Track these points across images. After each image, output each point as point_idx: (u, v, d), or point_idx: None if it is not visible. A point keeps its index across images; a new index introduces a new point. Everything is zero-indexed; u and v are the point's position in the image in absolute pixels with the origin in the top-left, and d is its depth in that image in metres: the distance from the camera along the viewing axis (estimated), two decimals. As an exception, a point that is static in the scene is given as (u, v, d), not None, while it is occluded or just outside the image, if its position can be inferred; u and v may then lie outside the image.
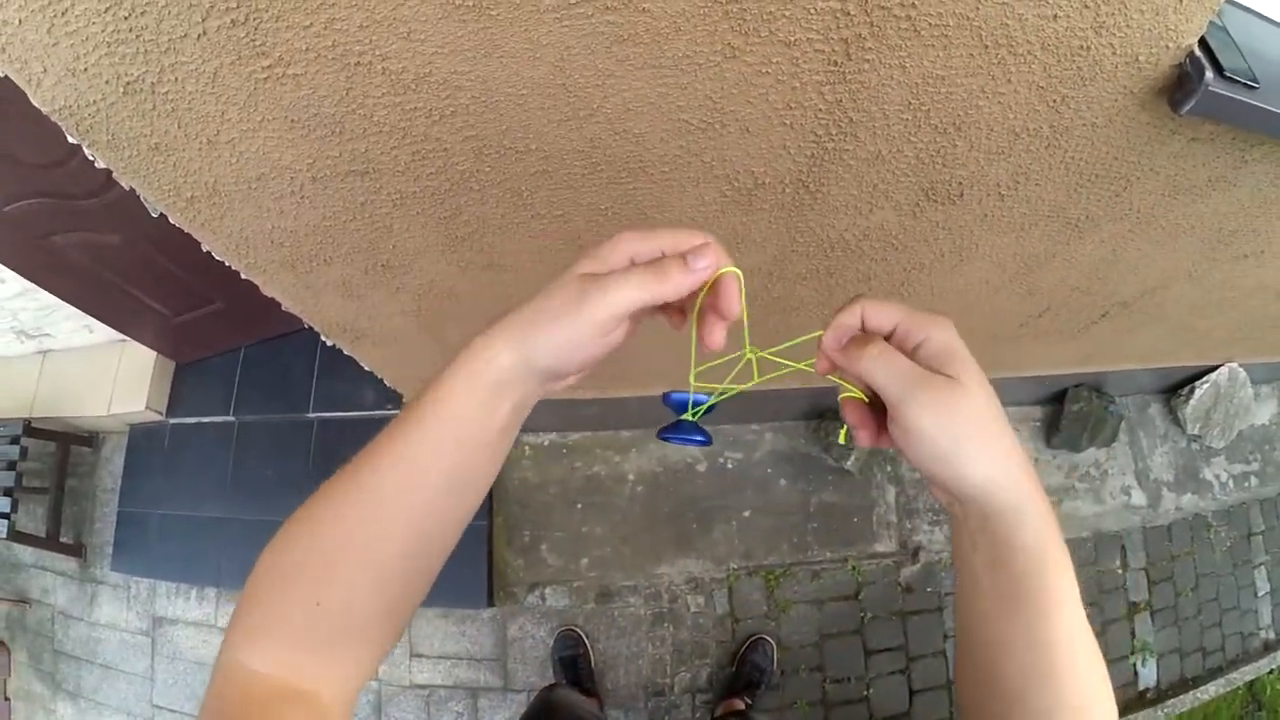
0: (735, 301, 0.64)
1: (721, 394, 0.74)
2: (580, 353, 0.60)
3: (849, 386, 0.67)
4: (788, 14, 0.99)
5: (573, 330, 0.59)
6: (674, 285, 0.60)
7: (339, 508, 0.61)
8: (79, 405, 3.44)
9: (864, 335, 0.62)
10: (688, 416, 0.76)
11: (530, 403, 0.66)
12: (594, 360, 0.63)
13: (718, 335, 0.65)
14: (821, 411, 3.17)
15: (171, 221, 1.45)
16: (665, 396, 0.77)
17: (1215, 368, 3.46)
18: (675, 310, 0.69)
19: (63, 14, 0.93)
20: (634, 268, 0.61)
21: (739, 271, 0.63)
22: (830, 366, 0.67)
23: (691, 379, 0.73)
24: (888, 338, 0.62)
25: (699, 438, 0.77)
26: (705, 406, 0.73)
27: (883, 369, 0.58)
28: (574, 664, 2.91)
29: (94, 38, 0.97)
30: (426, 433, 0.61)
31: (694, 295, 0.63)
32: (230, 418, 3.38)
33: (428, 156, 1.26)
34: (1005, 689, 0.59)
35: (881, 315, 0.62)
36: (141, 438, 3.49)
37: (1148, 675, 3.42)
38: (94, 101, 1.10)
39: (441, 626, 3.08)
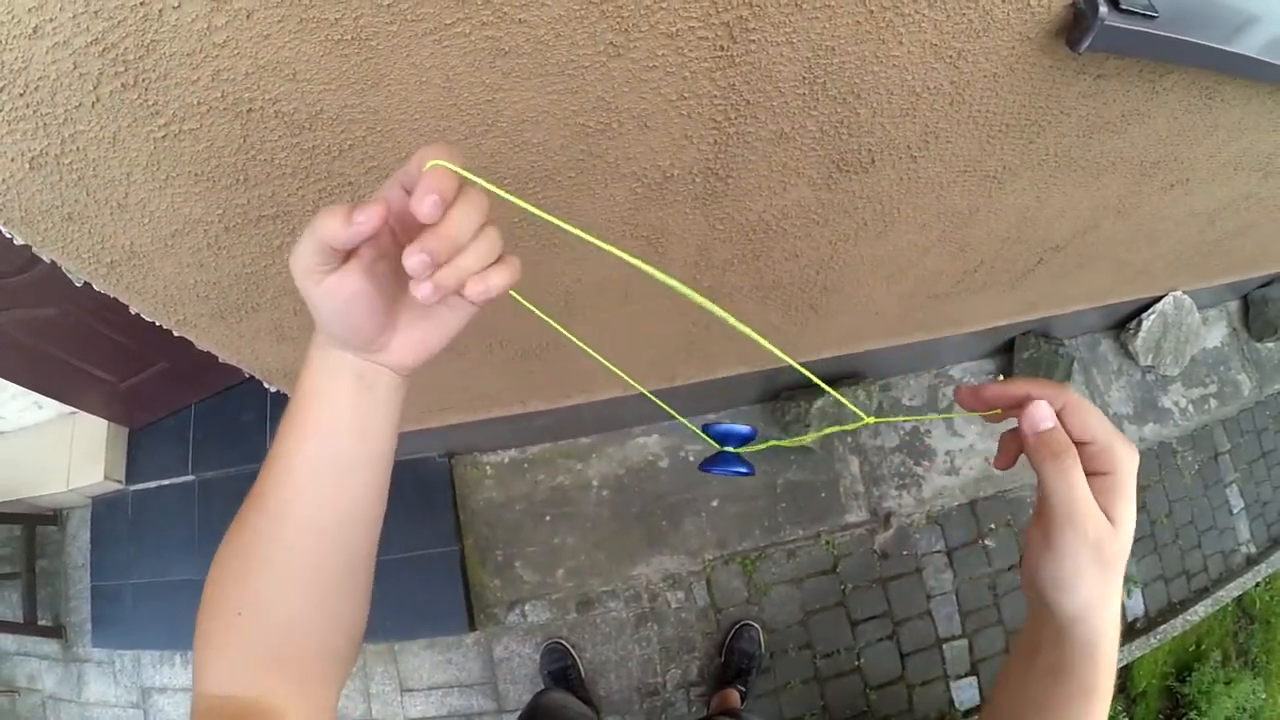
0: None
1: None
2: (327, 301, 0.59)
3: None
4: (665, 5, 0.99)
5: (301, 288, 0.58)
6: (332, 232, 0.54)
7: (245, 528, 0.64)
8: (38, 484, 3.38)
9: (1058, 435, 0.61)
10: (731, 449, 0.83)
11: (373, 381, 0.65)
12: (353, 307, 0.60)
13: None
14: (776, 393, 3.19)
15: (97, 289, 1.44)
16: (706, 428, 0.84)
17: (1160, 298, 3.50)
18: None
19: (-41, 98, 0.93)
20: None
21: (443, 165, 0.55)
22: (977, 405, 0.68)
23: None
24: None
25: (742, 469, 0.83)
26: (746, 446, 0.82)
27: (1064, 488, 0.59)
28: (564, 676, 2.91)
29: (-8, 117, 0.97)
30: (286, 430, 0.64)
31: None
32: (190, 477, 3.34)
33: (334, 192, 1.26)
34: None
35: (1081, 424, 0.62)
36: (105, 509, 3.44)
37: (1134, 606, 3.48)
38: (2, 180, 1.09)
39: (427, 657, 3.07)
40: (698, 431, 0.84)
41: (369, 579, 0.71)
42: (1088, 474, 0.60)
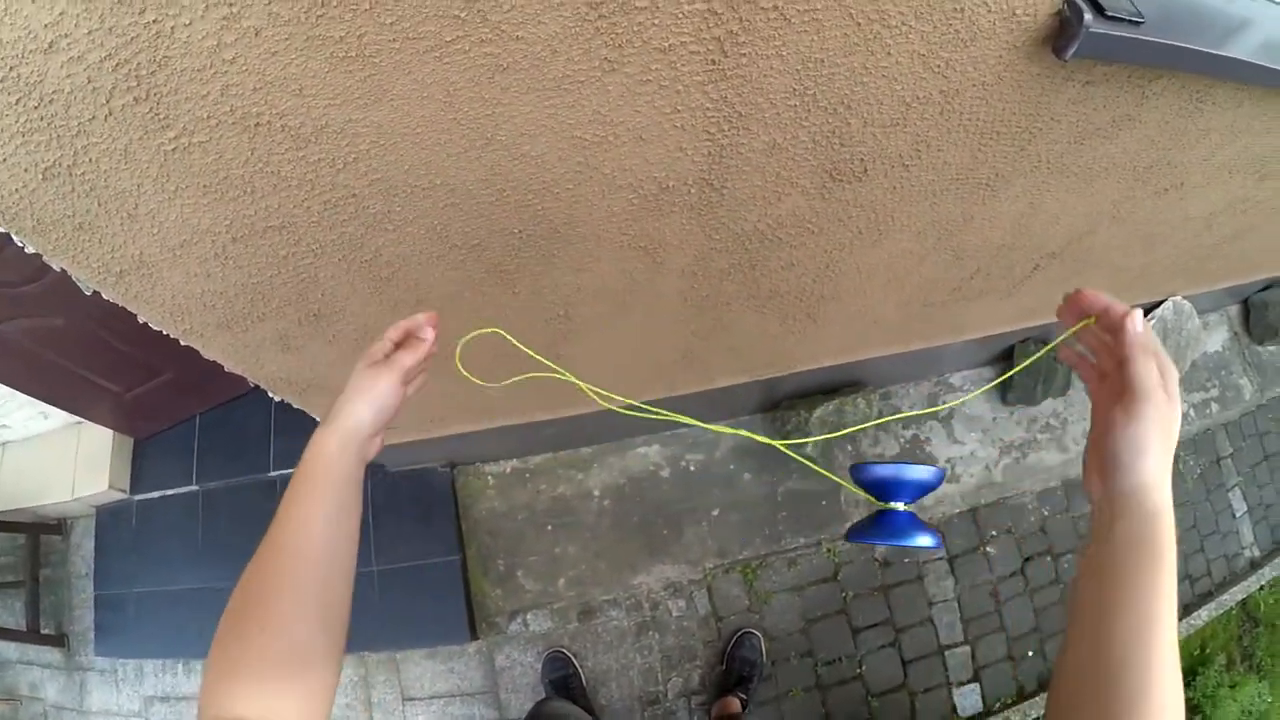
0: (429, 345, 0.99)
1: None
2: (387, 406, 0.92)
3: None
4: (656, 22, 1.02)
5: (380, 390, 0.91)
6: (421, 351, 0.96)
7: (262, 561, 0.80)
8: (43, 493, 3.40)
9: (1150, 334, 0.81)
10: (900, 507, 0.81)
11: (367, 456, 0.92)
12: (394, 411, 0.93)
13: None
14: (776, 402, 3.19)
15: (105, 297, 1.47)
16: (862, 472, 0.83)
17: (1159, 303, 3.51)
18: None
19: (-25, 111, 0.96)
20: (401, 350, 0.95)
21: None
22: (1074, 316, 0.88)
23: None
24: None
25: (928, 542, 0.83)
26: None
27: (1149, 372, 0.77)
28: (565, 685, 2.92)
29: (8, 129, 1.01)
30: (303, 487, 0.85)
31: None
32: (194, 487, 3.36)
33: (338, 204, 1.29)
34: (1107, 661, 0.70)
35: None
36: (109, 518, 3.45)
37: (1138, 611, 3.47)
38: (15, 190, 1.12)
39: (429, 667, 3.08)
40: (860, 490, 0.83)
41: (349, 606, 0.86)
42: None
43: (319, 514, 0.83)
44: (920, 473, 0.75)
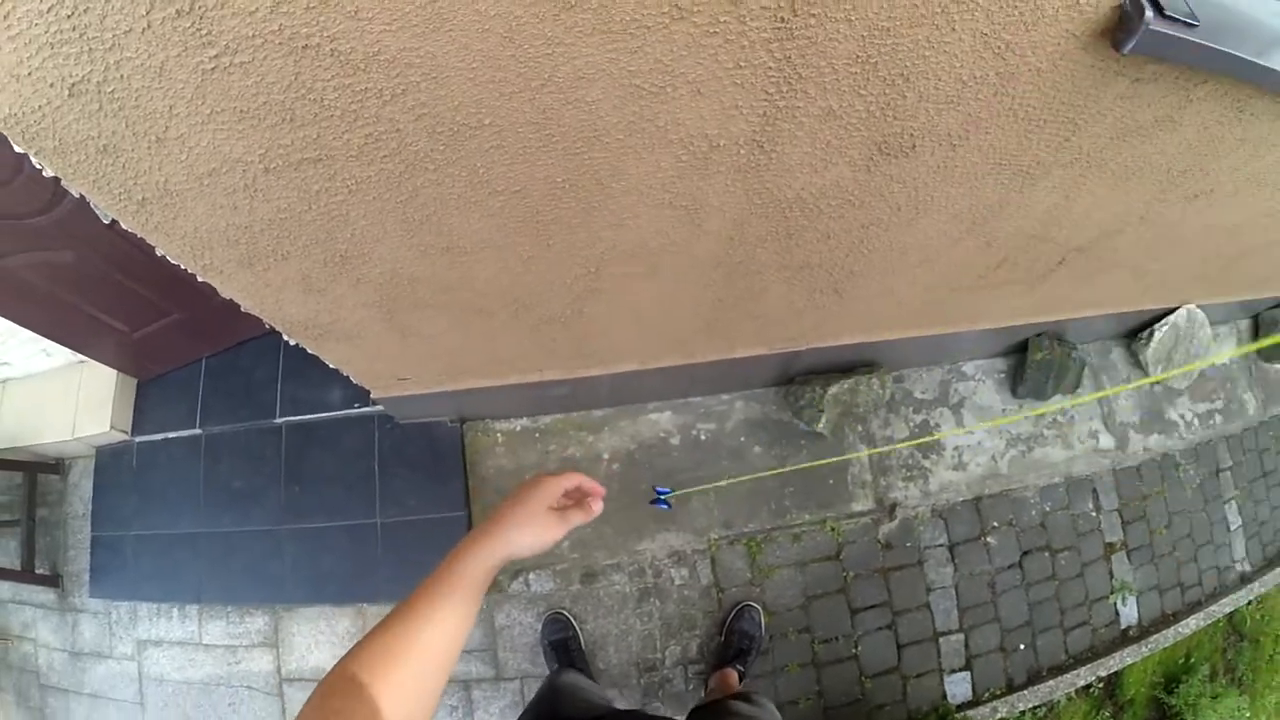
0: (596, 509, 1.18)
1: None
2: (542, 550, 1.07)
3: None
4: (732, -30, 1.00)
5: (547, 539, 1.07)
6: (590, 518, 1.15)
7: (400, 643, 0.93)
8: (42, 432, 3.38)
9: None
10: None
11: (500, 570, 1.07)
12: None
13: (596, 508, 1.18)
14: (790, 377, 3.19)
15: (124, 227, 1.43)
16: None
17: (1173, 310, 3.51)
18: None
19: (4, 18, 0.92)
20: (574, 509, 1.13)
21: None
22: None
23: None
24: None
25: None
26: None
27: None
28: (564, 647, 2.92)
29: (37, 40, 0.96)
30: (455, 590, 0.98)
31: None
32: (197, 430, 3.33)
33: (381, 139, 1.25)
34: None
35: None
36: (109, 459, 3.43)
37: (1128, 614, 3.51)
38: (39, 107, 1.08)
39: (428, 622, 3.05)
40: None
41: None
42: None
43: (465, 615, 0.98)
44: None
